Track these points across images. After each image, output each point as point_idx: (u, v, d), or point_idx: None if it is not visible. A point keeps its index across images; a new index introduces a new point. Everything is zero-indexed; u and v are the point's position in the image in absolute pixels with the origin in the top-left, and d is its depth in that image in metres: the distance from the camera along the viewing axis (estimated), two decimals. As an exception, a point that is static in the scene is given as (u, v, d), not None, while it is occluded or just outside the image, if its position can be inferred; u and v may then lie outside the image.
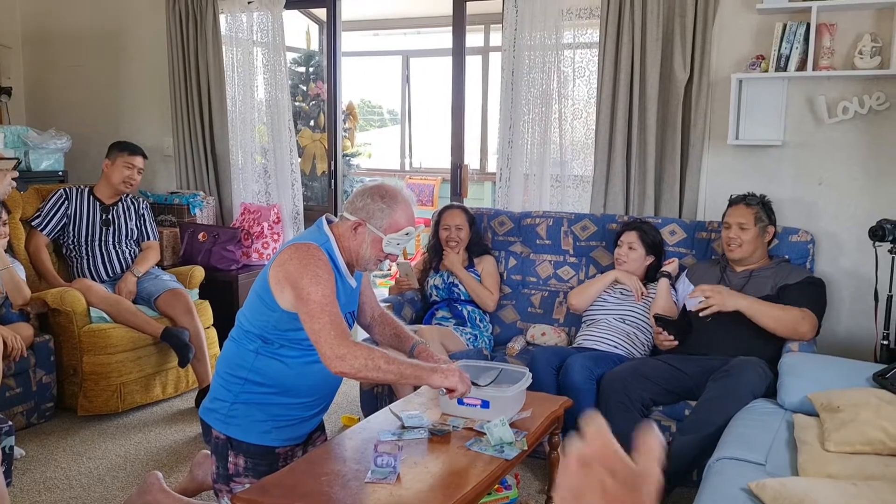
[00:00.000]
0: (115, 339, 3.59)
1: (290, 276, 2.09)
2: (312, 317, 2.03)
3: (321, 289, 2.05)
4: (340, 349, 2.00)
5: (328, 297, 2.05)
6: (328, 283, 2.08)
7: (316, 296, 2.04)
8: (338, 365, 2.01)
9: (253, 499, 1.87)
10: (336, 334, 2.02)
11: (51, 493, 2.88)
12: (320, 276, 2.07)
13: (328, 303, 2.05)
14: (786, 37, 3.28)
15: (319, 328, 2.02)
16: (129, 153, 3.96)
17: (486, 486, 2.02)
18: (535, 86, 3.92)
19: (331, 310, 2.04)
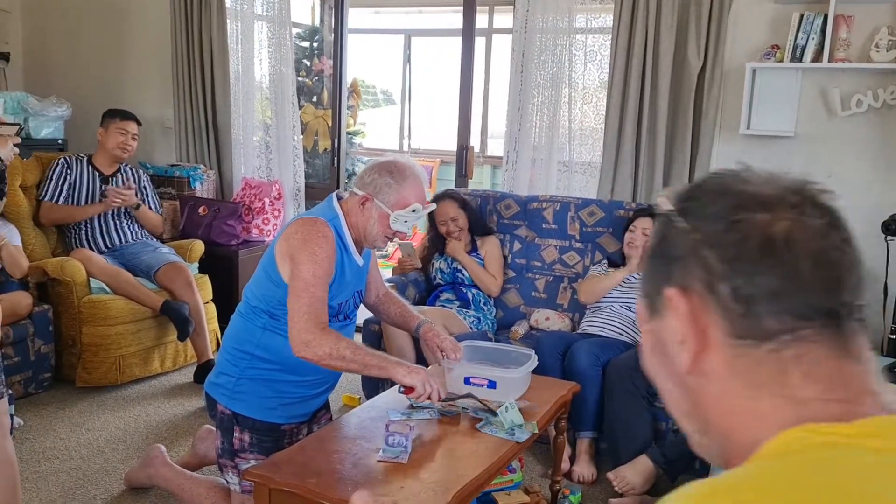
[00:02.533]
0: (115, 310, 3.55)
1: (291, 250, 2.07)
2: (295, 294, 2.03)
3: (313, 268, 2.03)
4: (307, 335, 1.99)
5: (318, 278, 2.03)
6: (323, 263, 2.06)
7: (306, 273, 2.03)
8: (301, 350, 2.00)
9: (264, 474, 1.85)
10: (308, 318, 2.00)
11: (50, 463, 2.86)
12: (318, 254, 2.05)
13: (315, 284, 2.03)
14: (802, 27, 3.26)
15: (296, 308, 2.01)
16: (120, 118, 3.91)
17: (498, 468, 2.01)
18: (545, 69, 3.88)
19: (313, 292, 2.02)
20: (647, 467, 2.64)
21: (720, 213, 0.65)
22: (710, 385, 0.67)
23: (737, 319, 0.64)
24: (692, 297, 0.66)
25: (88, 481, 2.74)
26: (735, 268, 0.63)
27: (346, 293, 2.22)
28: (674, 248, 0.68)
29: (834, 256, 0.63)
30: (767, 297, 0.62)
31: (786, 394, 0.63)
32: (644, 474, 2.64)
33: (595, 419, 2.93)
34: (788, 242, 0.62)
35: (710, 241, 0.65)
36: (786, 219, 0.63)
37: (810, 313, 0.62)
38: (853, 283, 0.64)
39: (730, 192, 0.67)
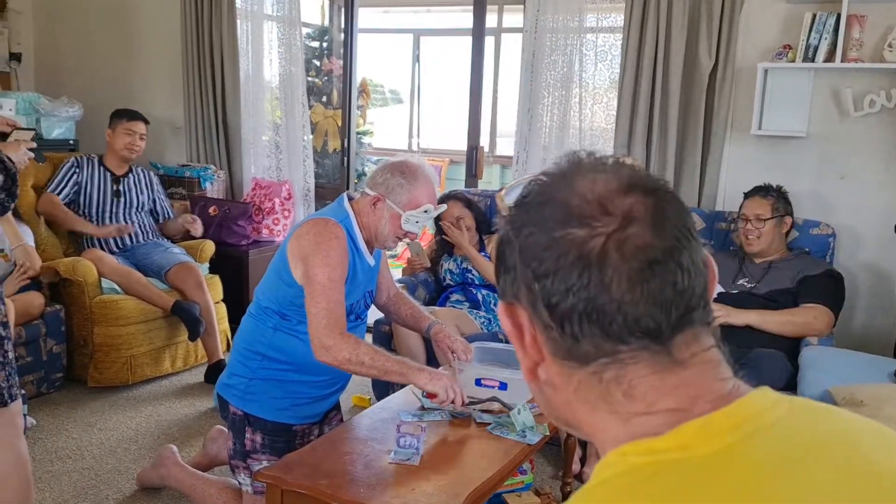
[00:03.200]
0: (126, 310, 3.57)
1: (303, 252, 2.07)
2: (312, 299, 2.03)
3: (328, 271, 2.03)
4: (328, 339, 2.00)
5: (333, 280, 2.04)
6: (338, 266, 2.06)
7: (321, 277, 2.03)
8: (322, 354, 2.02)
9: (276, 475, 1.85)
10: (328, 323, 2.01)
11: (63, 462, 2.88)
12: (332, 257, 2.05)
13: (331, 288, 2.03)
14: (815, 27, 3.24)
15: (315, 312, 2.02)
16: (127, 119, 3.93)
17: (510, 469, 2.01)
18: (555, 69, 3.87)
19: (330, 296, 2.03)
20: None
21: (541, 226, 0.63)
22: (556, 394, 0.67)
23: (557, 340, 0.63)
24: (522, 311, 0.65)
25: (101, 481, 2.76)
26: (550, 287, 0.61)
27: (357, 293, 2.22)
28: (506, 259, 0.66)
29: (652, 273, 0.60)
30: (580, 319, 0.61)
31: (613, 410, 0.63)
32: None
33: (606, 420, 2.92)
34: (602, 261, 0.60)
35: (530, 257, 0.63)
36: (602, 234, 0.60)
37: (625, 334, 0.60)
38: (681, 292, 0.61)
39: (552, 201, 0.64)
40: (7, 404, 2.01)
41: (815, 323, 2.87)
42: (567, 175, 0.65)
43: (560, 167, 0.66)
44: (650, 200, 0.62)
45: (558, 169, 0.66)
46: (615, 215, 0.61)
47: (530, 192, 0.67)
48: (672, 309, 0.61)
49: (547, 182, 0.66)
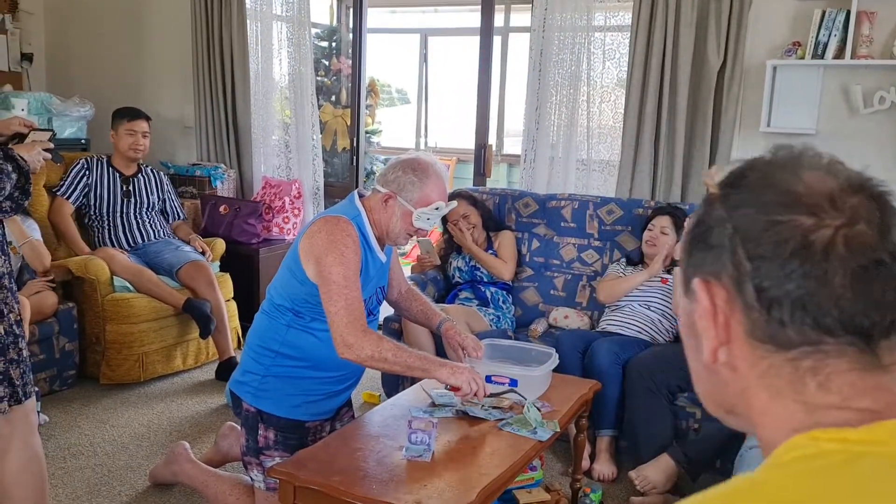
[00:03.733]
0: (138, 308, 3.59)
1: (316, 250, 2.08)
2: (330, 298, 2.04)
3: (343, 270, 2.04)
4: (350, 337, 2.01)
5: (349, 279, 2.05)
6: (352, 263, 2.07)
7: (337, 276, 2.04)
8: (345, 352, 2.03)
9: (289, 472, 1.87)
10: (349, 321, 2.02)
11: (76, 459, 2.90)
12: (346, 255, 2.06)
13: (348, 285, 2.04)
14: (824, 24, 3.23)
15: (335, 311, 2.03)
16: (128, 119, 3.93)
17: (520, 466, 2.02)
18: (563, 67, 3.88)
19: (348, 294, 2.04)
20: (668, 466, 2.64)
21: (762, 209, 0.62)
22: (731, 377, 0.66)
23: (759, 322, 0.62)
24: (720, 290, 0.64)
25: (113, 477, 2.78)
26: (765, 270, 0.61)
27: (369, 289, 2.24)
28: (709, 236, 0.66)
29: (876, 273, 0.60)
30: (793, 306, 0.60)
31: (801, 399, 0.62)
32: (666, 473, 2.63)
33: (615, 418, 2.94)
34: (827, 253, 0.59)
35: (744, 237, 0.62)
36: (830, 227, 0.60)
37: (836, 329, 0.60)
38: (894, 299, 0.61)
39: (777, 186, 0.63)
40: (22, 402, 2.03)
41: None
42: (790, 165, 0.65)
43: (778, 156, 0.67)
44: (874, 204, 0.62)
45: (776, 157, 0.66)
46: (843, 211, 0.61)
47: (751, 171, 0.66)
48: (888, 312, 0.61)
49: (770, 164, 0.66)
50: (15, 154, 2.03)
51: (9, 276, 2.04)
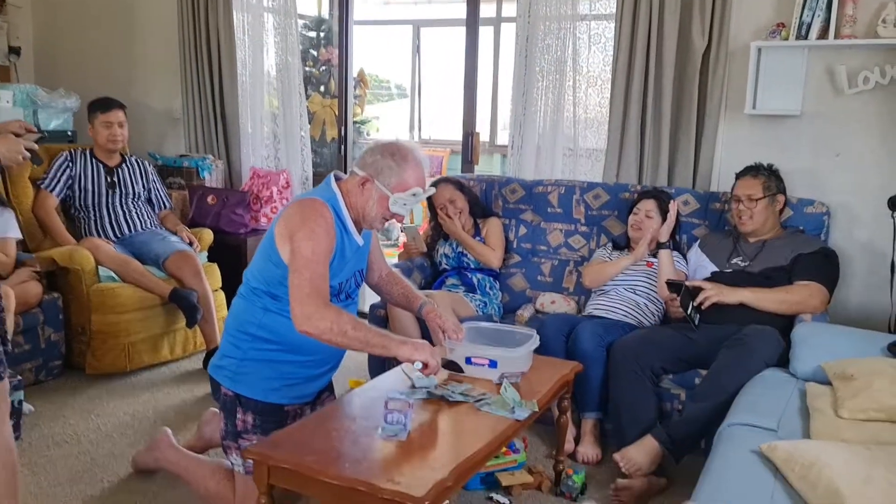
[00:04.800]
0: (124, 298, 3.58)
1: (290, 230, 2.09)
2: (295, 270, 2.03)
3: (312, 245, 2.04)
4: (308, 308, 1.99)
5: (318, 254, 2.04)
6: (323, 241, 2.06)
7: (305, 251, 2.03)
8: (303, 323, 2.00)
9: (263, 452, 1.86)
10: (310, 292, 2.00)
11: (59, 448, 2.90)
12: (316, 232, 2.06)
13: (315, 261, 2.03)
14: (808, 4, 3.21)
15: (297, 283, 2.02)
16: (101, 111, 3.91)
17: (496, 446, 2.01)
18: (549, 54, 3.86)
19: (314, 268, 2.03)
20: (652, 447, 2.63)
21: None
22: None
23: None
24: None
25: (96, 465, 2.77)
26: None
27: (346, 272, 2.23)
28: None
29: None
30: None
31: None
32: (650, 455, 2.62)
33: (599, 400, 2.93)
34: None
35: None
36: None
37: None
38: None
39: None
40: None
41: (810, 300, 2.87)
42: None
43: None
44: None
45: None
46: None
47: None
48: None
49: None
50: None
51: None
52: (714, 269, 3.12)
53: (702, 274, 3.16)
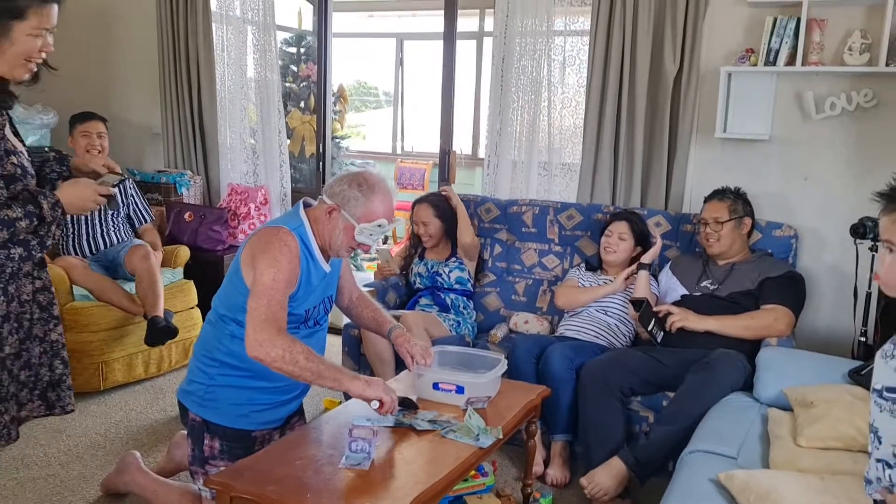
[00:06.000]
0: (98, 317, 3.58)
1: (253, 257, 2.10)
2: (254, 296, 2.04)
3: (273, 273, 2.05)
4: (262, 334, 1.99)
5: (278, 282, 2.05)
6: (285, 269, 2.07)
7: (266, 278, 2.04)
8: (255, 349, 1.99)
9: (225, 482, 1.87)
10: (265, 319, 2.00)
11: (28, 469, 2.89)
12: (279, 260, 2.07)
13: (275, 288, 2.04)
14: (776, 31, 3.27)
15: (255, 308, 2.02)
16: (80, 122, 3.90)
17: (460, 473, 2.03)
18: (525, 73, 3.91)
19: (273, 295, 2.03)
20: (619, 470, 2.65)
21: None
22: None
23: None
24: None
25: (65, 488, 2.77)
26: None
27: (313, 299, 2.24)
28: None
29: None
30: None
31: None
32: (617, 477, 2.65)
33: (569, 422, 2.95)
34: None
35: None
36: None
37: None
38: None
39: None
40: None
41: (775, 324, 2.91)
42: None
43: None
44: None
45: None
46: None
47: None
48: None
49: None
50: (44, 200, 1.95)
51: None
52: (684, 293, 3.17)
53: (672, 297, 3.20)
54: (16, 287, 2.03)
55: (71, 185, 2.09)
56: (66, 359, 2.32)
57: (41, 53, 1.97)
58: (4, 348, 2.01)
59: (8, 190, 1.91)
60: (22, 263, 2.01)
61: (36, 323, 2.15)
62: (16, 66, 1.93)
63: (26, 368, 2.15)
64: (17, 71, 1.94)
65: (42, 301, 2.16)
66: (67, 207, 2.03)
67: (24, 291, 2.07)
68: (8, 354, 2.03)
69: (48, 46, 1.98)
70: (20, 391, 2.15)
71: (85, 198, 2.08)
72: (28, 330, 2.12)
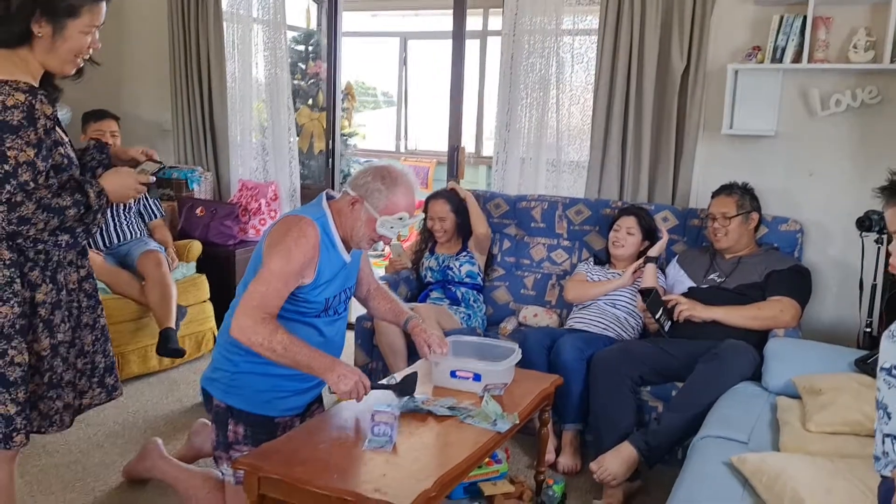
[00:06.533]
0: (114, 309, 3.62)
1: (270, 244, 2.16)
2: (257, 280, 2.11)
3: (282, 263, 2.11)
4: (247, 320, 2.06)
5: (284, 273, 2.11)
6: (296, 261, 2.12)
7: (274, 266, 2.11)
8: (237, 331, 2.08)
9: (253, 463, 1.93)
10: (256, 305, 2.07)
11: (51, 457, 2.95)
12: (292, 252, 2.12)
13: (278, 278, 2.10)
14: (782, 29, 3.33)
15: (252, 291, 2.10)
16: (94, 120, 3.96)
17: (479, 457, 2.09)
18: (533, 71, 3.96)
19: (274, 284, 2.10)
20: (629, 454, 2.69)
21: None
22: None
23: None
24: None
25: (88, 474, 2.83)
26: None
27: (333, 289, 2.29)
28: None
29: None
30: None
31: None
32: (626, 462, 2.69)
33: (579, 411, 3.01)
34: None
35: None
36: None
37: None
38: None
39: None
40: None
41: (782, 316, 2.97)
42: None
43: None
44: None
45: None
46: None
47: None
48: None
49: None
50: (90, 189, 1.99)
51: None
52: (691, 285, 3.23)
53: (679, 289, 3.26)
54: (63, 276, 2.08)
55: (113, 174, 2.14)
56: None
57: (90, 49, 2.04)
58: (57, 335, 2.06)
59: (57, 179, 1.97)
60: (68, 251, 2.07)
61: (85, 311, 2.20)
62: (66, 61, 2.01)
63: (82, 356, 2.20)
64: (67, 66, 2.02)
65: (88, 289, 2.22)
66: (111, 196, 2.08)
67: (71, 280, 2.12)
68: (61, 342, 2.08)
69: (96, 43, 2.05)
70: (78, 379, 2.20)
71: (127, 186, 2.13)
72: (77, 318, 2.17)
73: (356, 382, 2.13)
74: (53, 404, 2.09)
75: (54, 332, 2.05)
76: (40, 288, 2.01)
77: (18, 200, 1.84)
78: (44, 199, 1.89)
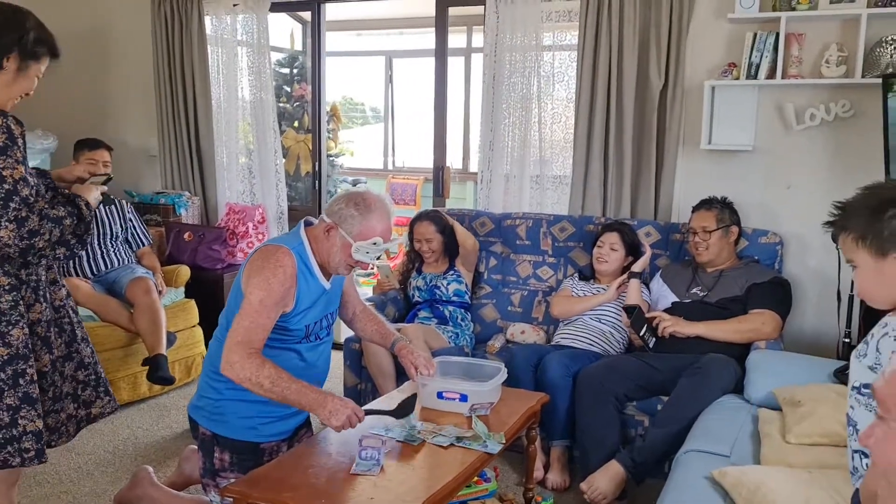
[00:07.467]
0: (103, 337, 3.65)
1: (249, 275, 2.19)
2: (241, 315, 2.14)
3: (262, 295, 2.13)
4: (234, 355, 2.09)
5: (265, 305, 2.13)
6: (275, 292, 2.15)
7: (254, 299, 2.13)
8: (225, 368, 2.11)
9: (242, 490, 1.95)
10: (242, 340, 2.10)
11: (41, 487, 2.95)
12: (271, 283, 2.14)
13: (259, 311, 2.13)
14: (756, 46, 3.40)
15: (236, 328, 2.12)
16: (88, 149, 3.97)
17: (466, 477, 2.11)
18: (515, 89, 4.02)
19: (256, 318, 2.12)
20: (616, 473, 2.74)
21: None
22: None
23: None
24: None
25: (78, 503, 2.83)
26: None
27: (313, 315, 2.32)
28: None
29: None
30: None
31: None
32: (615, 480, 2.74)
33: (566, 428, 3.04)
34: None
35: None
36: None
37: None
38: None
39: None
40: None
41: (763, 328, 3.02)
42: None
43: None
44: None
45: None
46: None
47: None
48: None
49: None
50: (79, 201, 2.11)
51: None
52: (674, 300, 3.27)
53: (663, 304, 3.30)
54: (51, 293, 2.17)
55: (84, 189, 2.24)
56: None
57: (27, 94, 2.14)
58: (54, 351, 2.15)
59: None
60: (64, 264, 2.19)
61: (77, 325, 2.29)
62: (13, 98, 2.10)
63: (82, 368, 2.28)
64: (10, 102, 2.12)
65: (73, 304, 2.31)
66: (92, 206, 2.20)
67: (57, 297, 2.20)
68: (58, 357, 2.17)
69: (32, 89, 2.16)
70: (82, 391, 2.29)
71: (96, 198, 2.26)
72: (71, 333, 2.25)
73: (348, 416, 2.13)
74: (59, 417, 2.18)
75: (51, 347, 2.14)
76: (34, 307, 2.10)
77: (24, 216, 1.95)
78: (44, 210, 2.01)
